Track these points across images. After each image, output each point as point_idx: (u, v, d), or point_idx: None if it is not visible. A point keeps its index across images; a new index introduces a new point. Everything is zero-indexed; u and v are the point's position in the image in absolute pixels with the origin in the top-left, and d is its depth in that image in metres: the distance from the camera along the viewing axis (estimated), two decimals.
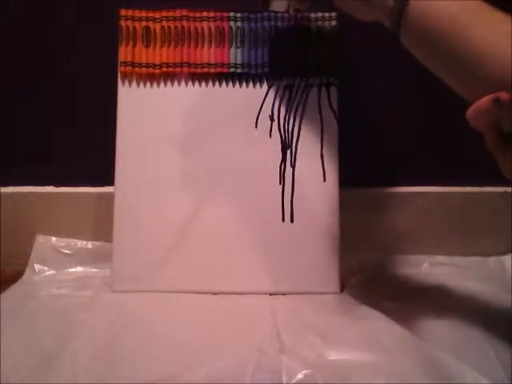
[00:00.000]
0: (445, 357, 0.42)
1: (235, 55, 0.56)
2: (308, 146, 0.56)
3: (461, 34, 0.34)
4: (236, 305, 0.52)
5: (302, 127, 0.56)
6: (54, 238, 0.62)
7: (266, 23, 0.56)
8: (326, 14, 0.55)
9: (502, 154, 0.33)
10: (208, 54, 0.56)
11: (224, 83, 0.56)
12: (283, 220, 0.55)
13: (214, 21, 0.56)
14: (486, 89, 0.32)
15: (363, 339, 0.45)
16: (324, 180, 0.55)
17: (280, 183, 0.56)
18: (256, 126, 0.56)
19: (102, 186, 0.62)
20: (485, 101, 0.31)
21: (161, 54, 0.56)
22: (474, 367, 0.40)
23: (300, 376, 0.39)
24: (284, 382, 0.39)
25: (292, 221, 0.55)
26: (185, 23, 0.56)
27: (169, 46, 0.56)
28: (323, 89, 0.56)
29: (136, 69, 0.56)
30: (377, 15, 0.39)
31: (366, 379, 0.40)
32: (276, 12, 0.51)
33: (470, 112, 0.33)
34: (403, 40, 0.38)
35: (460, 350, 0.43)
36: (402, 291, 0.55)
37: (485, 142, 0.34)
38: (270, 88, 0.56)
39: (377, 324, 0.48)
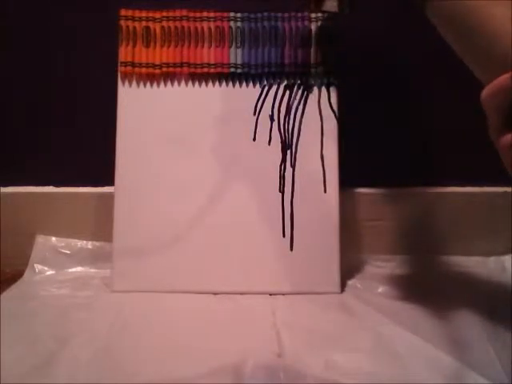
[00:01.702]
0: (445, 356, 0.42)
1: (235, 55, 0.56)
2: (308, 146, 0.56)
3: (480, 10, 0.34)
4: (236, 305, 0.52)
5: (301, 127, 0.56)
6: (53, 238, 0.62)
7: (265, 23, 0.56)
8: (326, 14, 0.55)
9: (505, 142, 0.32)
10: (208, 54, 0.56)
11: (224, 83, 0.56)
12: (283, 220, 0.55)
13: (214, 21, 0.56)
14: (503, 67, 0.31)
15: (363, 339, 0.45)
16: (324, 180, 0.55)
17: (280, 183, 0.56)
18: (256, 128, 0.56)
19: (102, 186, 0.62)
20: (504, 78, 0.30)
21: (161, 54, 0.56)
22: (474, 367, 0.40)
23: (299, 376, 0.39)
24: (283, 382, 0.39)
25: (292, 221, 0.55)
26: (185, 23, 0.56)
27: (169, 45, 0.56)
28: (323, 89, 0.56)
29: (136, 69, 0.56)
30: None
31: (366, 379, 0.40)
32: (329, 13, 0.50)
33: (487, 90, 0.31)
34: (429, 14, 0.38)
35: (460, 349, 0.43)
36: (402, 291, 0.55)
37: (489, 130, 0.33)
38: (269, 88, 0.56)
39: (377, 324, 0.48)
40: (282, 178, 0.56)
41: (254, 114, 0.56)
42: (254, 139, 0.56)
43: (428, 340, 0.44)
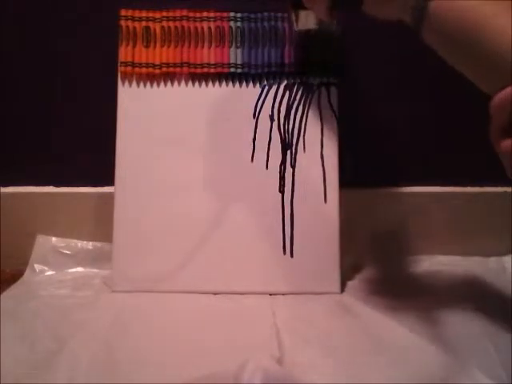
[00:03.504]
0: (445, 356, 0.42)
1: (235, 55, 0.56)
2: (308, 146, 0.56)
3: (484, 22, 0.34)
4: (236, 305, 0.52)
5: (301, 127, 0.56)
6: (54, 238, 0.62)
7: (265, 23, 0.56)
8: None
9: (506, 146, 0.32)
10: (208, 54, 0.56)
11: (224, 83, 0.56)
12: (283, 220, 0.55)
13: (214, 21, 0.56)
14: (509, 80, 0.31)
15: (363, 340, 0.45)
16: (324, 180, 0.55)
17: (280, 184, 0.56)
18: (256, 129, 0.56)
19: (102, 186, 0.62)
20: None
21: (161, 54, 0.56)
22: (475, 366, 0.40)
23: (299, 377, 0.39)
24: (283, 382, 0.39)
25: (292, 221, 0.55)
26: (185, 23, 0.56)
27: (169, 45, 0.56)
28: (323, 89, 0.56)
29: (136, 69, 0.56)
30: (399, 14, 0.39)
31: (366, 380, 0.40)
32: (307, 30, 0.51)
33: (498, 99, 0.32)
34: (425, 36, 0.38)
35: (460, 349, 0.43)
36: (403, 291, 0.55)
37: (491, 133, 0.33)
38: (269, 88, 0.56)
39: (377, 324, 0.48)
40: (282, 178, 0.56)
41: (254, 114, 0.56)
42: (254, 139, 0.56)
43: (429, 340, 0.44)
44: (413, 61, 0.61)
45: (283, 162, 0.56)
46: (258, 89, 0.56)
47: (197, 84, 0.56)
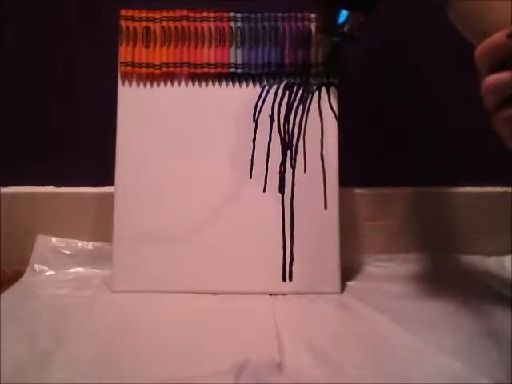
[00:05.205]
0: (445, 356, 0.42)
1: (235, 55, 0.56)
2: (308, 146, 0.56)
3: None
4: (236, 305, 0.52)
5: (301, 127, 0.55)
6: (54, 239, 0.62)
7: (266, 23, 0.56)
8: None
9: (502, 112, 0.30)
10: (208, 54, 0.56)
11: (224, 83, 0.56)
12: (283, 221, 0.55)
13: (214, 21, 0.56)
14: None
15: (363, 340, 0.45)
16: (324, 180, 0.55)
17: (280, 184, 0.56)
18: (255, 129, 0.56)
19: (102, 186, 0.62)
20: (499, 36, 0.30)
21: (161, 54, 0.56)
22: (475, 367, 0.40)
23: (298, 377, 0.39)
24: (282, 382, 0.39)
25: (292, 221, 0.55)
26: (185, 23, 0.56)
27: (169, 46, 0.56)
28: (323, 89, 0.56)
29: (136, 69, 0.56)
30: None
31: (366, 379, 0.40)
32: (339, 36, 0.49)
33: (481, 48, 0.31)
34: (451, 14, 0.39)
35: (461, 349, 0.43)
36: (403, 291, 0.55)
37: (481, 89, 0.32)
38: (269, 88, 0.56)
39: (377, 324, 0.48)
40: (282, 178, 0.56)
41: (254, 114, 0.56)
42: (254, 139, 0.56)
43: (428, 340, 0.44)
44: (412, 61, 0.61)
45: (283, 163, 0.56)
46: (257, 89, 0.56)
47: (197, 84, 0.56)
